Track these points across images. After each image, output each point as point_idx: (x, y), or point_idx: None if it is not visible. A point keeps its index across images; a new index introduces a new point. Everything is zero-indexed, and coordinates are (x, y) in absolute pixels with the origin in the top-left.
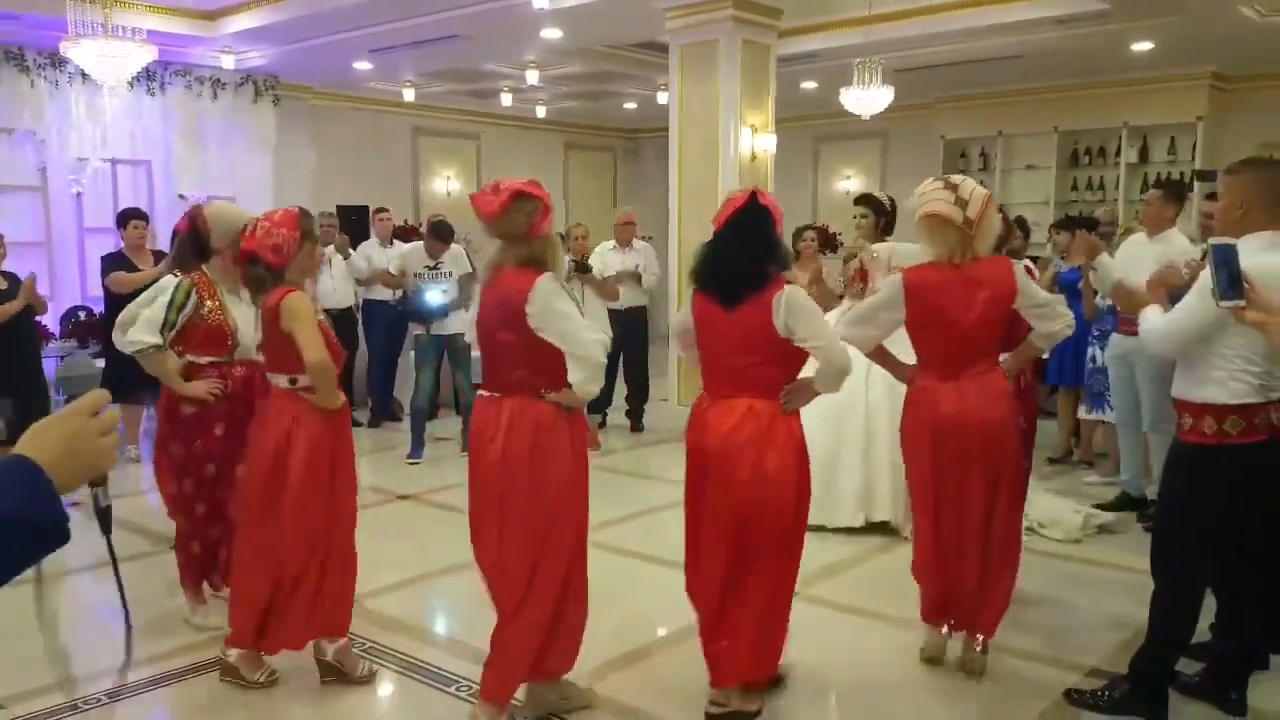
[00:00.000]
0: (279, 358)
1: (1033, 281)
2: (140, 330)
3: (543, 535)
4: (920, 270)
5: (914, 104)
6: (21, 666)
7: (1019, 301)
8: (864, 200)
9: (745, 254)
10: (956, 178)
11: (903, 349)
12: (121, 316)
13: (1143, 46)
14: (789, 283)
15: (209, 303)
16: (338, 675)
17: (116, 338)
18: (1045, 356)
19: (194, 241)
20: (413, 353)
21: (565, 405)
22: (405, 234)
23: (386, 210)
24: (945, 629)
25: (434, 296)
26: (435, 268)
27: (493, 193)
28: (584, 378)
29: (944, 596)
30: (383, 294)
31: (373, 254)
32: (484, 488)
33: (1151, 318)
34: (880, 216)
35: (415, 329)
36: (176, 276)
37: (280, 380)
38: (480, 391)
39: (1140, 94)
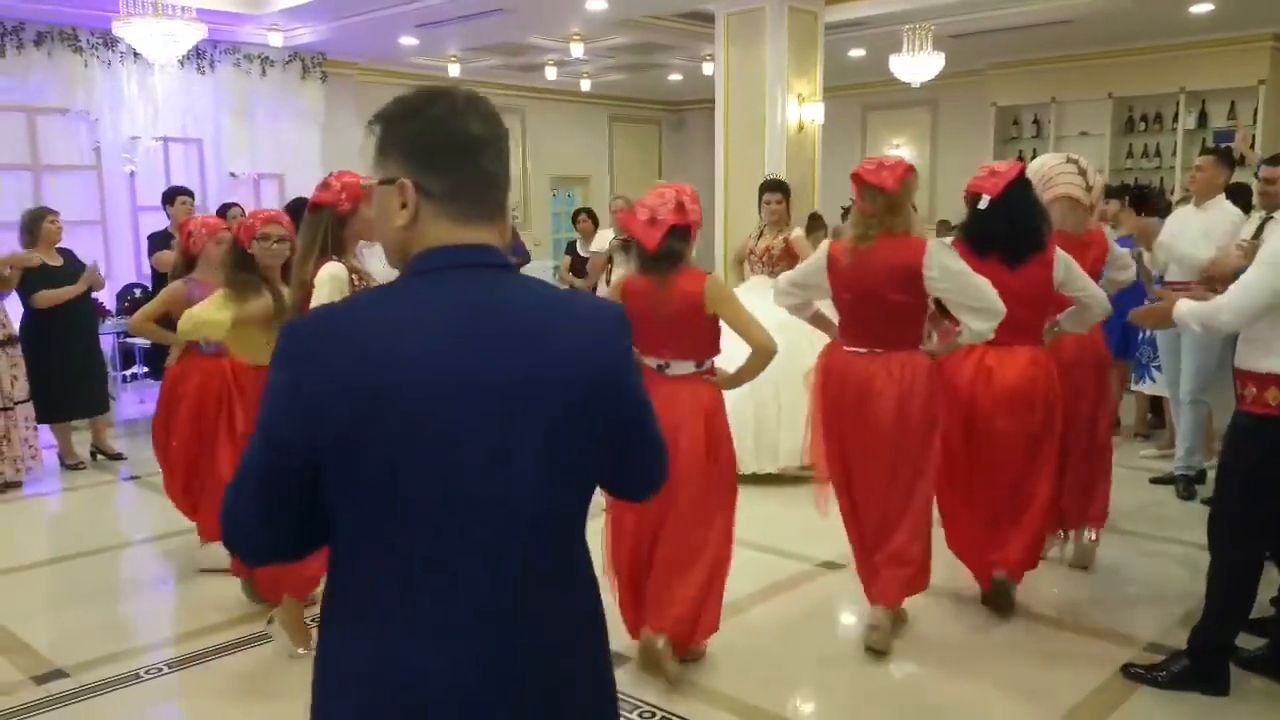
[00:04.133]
0: (683, 343)
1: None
2: None
3: (925, 464)
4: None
5: (965, 70)
6: (84, 636)
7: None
8: (777, 187)
9: (1028, 220)
10: (1083, 161)
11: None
12: None
13: (1202, 8)
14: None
15: None
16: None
17: None
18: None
19: None
20: None
21: (936, 354)
22: None
23: None
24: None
25: None
26: None
27: (880, 167)
28: (987, 327)
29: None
30: None
31: None
32: (874, 431)
33: (1188, 309)
34: (788, 201)
35: None
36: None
37: (686, 366)
38: (845, 347)
39: (1199, 57)
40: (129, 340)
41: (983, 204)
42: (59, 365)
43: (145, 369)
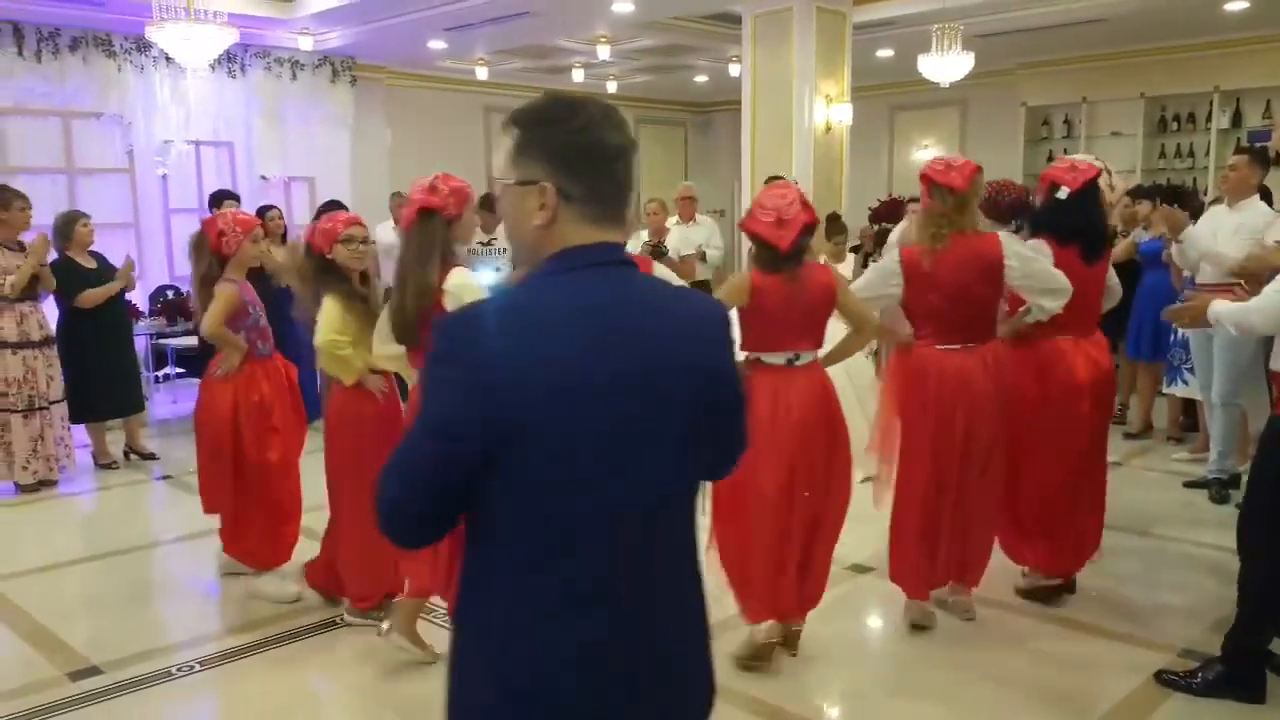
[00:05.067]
0: (816, 333)
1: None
2: None
3: (1003, 454)
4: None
5: (994, 70)
6: (118, 633)
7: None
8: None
9: (1100, 218)
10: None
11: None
12: None
13: (1236, 6)
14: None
15: None
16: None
17: None
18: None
19: None
20: None
21: (1004, 335)
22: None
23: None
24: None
25: (485, 276)
26: (489, 243)
27: (948, 167)
28: (1058, 304)
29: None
30: None
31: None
32: (976, 424)
33: (1223, 309)
34: None
35: None
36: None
37: (812, 356)
38: (937, 346)
39: (1234, 56)
40: (162, 341)
41: (1061, 194)
42: (94, 366)
43: (178, 370)
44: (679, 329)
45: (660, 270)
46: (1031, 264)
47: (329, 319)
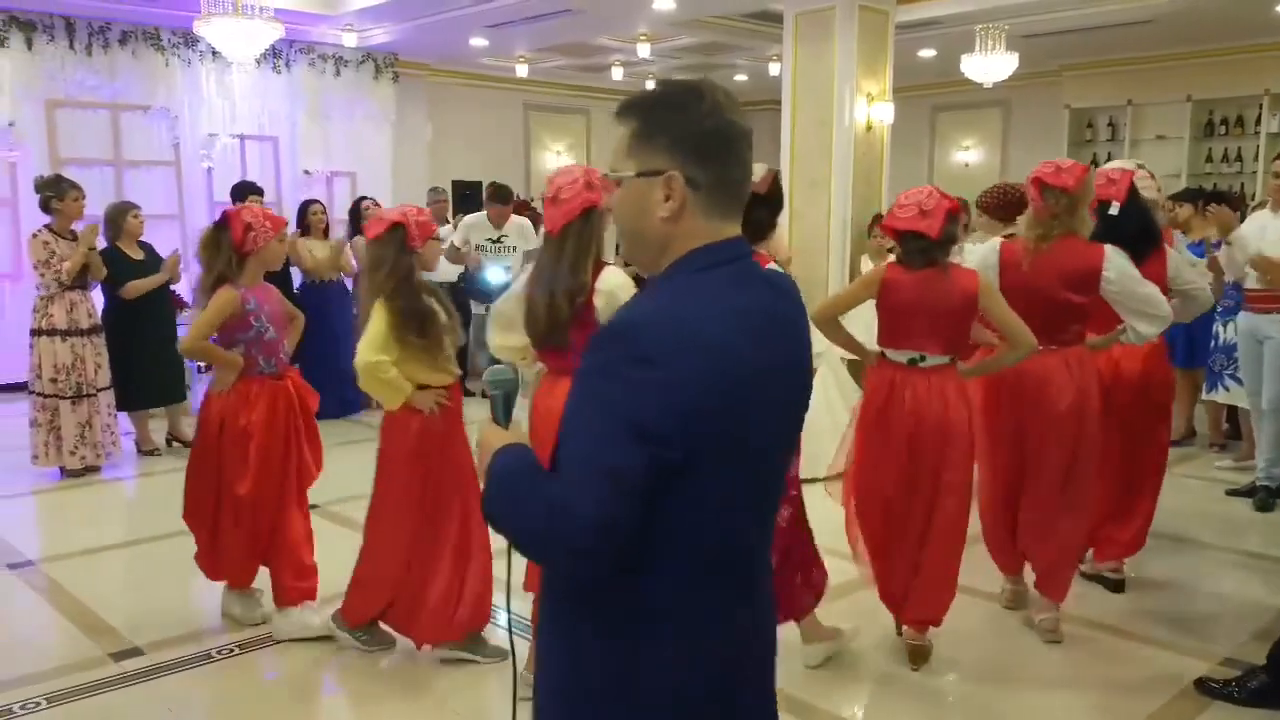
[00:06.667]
0: (952, 337)
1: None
2: None
3: (1095, 456)
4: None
5: (1038, 71)
6: (159, 616)
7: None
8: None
9: (1150, 219)
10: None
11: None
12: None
13: None
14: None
15: None
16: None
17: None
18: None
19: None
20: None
21: (1099, 348)
22: (517, 209)
23: (442, 189)
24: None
25: (495, 275)
26: (498, 241)
27: (1058, 170)
28: (1154, 331)
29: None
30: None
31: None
32: (1052, 432)
33: None
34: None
35: (476, 308)
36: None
37: (942, 359)
38: None
39: None
40: None
41: (1113, 210)
42: (138, 355)
43: None
44: (800, 324)
45: None
46: (1134, 285)
47: (374, 336)
